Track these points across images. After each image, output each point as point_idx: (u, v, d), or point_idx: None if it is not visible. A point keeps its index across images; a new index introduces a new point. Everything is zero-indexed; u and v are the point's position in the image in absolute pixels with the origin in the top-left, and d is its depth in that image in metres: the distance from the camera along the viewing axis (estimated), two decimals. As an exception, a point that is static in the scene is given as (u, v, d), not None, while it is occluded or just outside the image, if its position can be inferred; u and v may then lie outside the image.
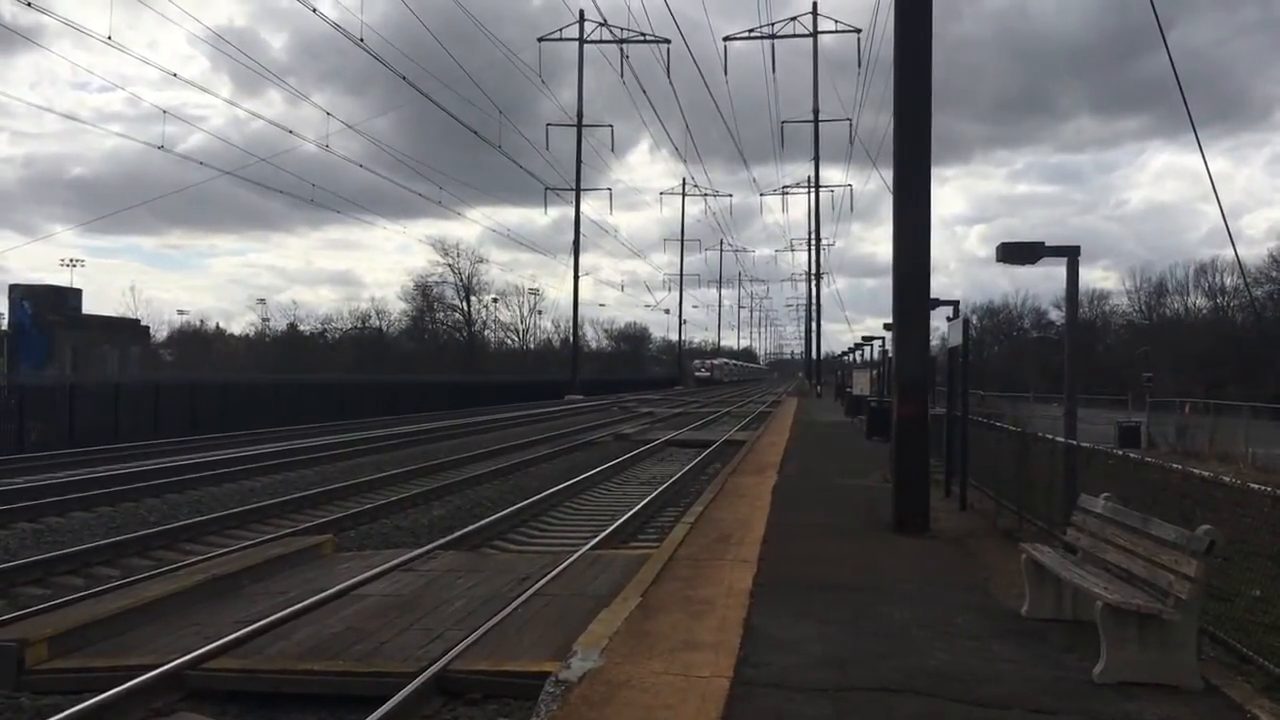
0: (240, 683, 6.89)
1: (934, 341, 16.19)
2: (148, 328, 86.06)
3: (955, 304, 15.62)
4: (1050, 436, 11.43)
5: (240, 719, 6.56)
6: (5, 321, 65.69)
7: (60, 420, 28.33)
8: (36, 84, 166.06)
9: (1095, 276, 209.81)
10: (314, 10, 29.05)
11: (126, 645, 7.61)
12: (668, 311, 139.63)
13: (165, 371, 71.52)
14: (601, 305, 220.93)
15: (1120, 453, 10.82)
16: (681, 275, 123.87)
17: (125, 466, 21.65)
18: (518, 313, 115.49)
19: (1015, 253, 10.71)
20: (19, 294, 67.36)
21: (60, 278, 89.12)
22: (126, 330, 77.53)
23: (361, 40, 31.74)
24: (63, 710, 6.12)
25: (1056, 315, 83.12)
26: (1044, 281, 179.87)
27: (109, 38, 29.02)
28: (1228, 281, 77.92)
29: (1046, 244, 10.70)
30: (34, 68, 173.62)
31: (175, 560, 11.89)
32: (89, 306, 75.54)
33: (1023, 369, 77.82)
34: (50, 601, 9.47)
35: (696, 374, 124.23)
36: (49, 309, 66.73)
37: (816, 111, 75.68)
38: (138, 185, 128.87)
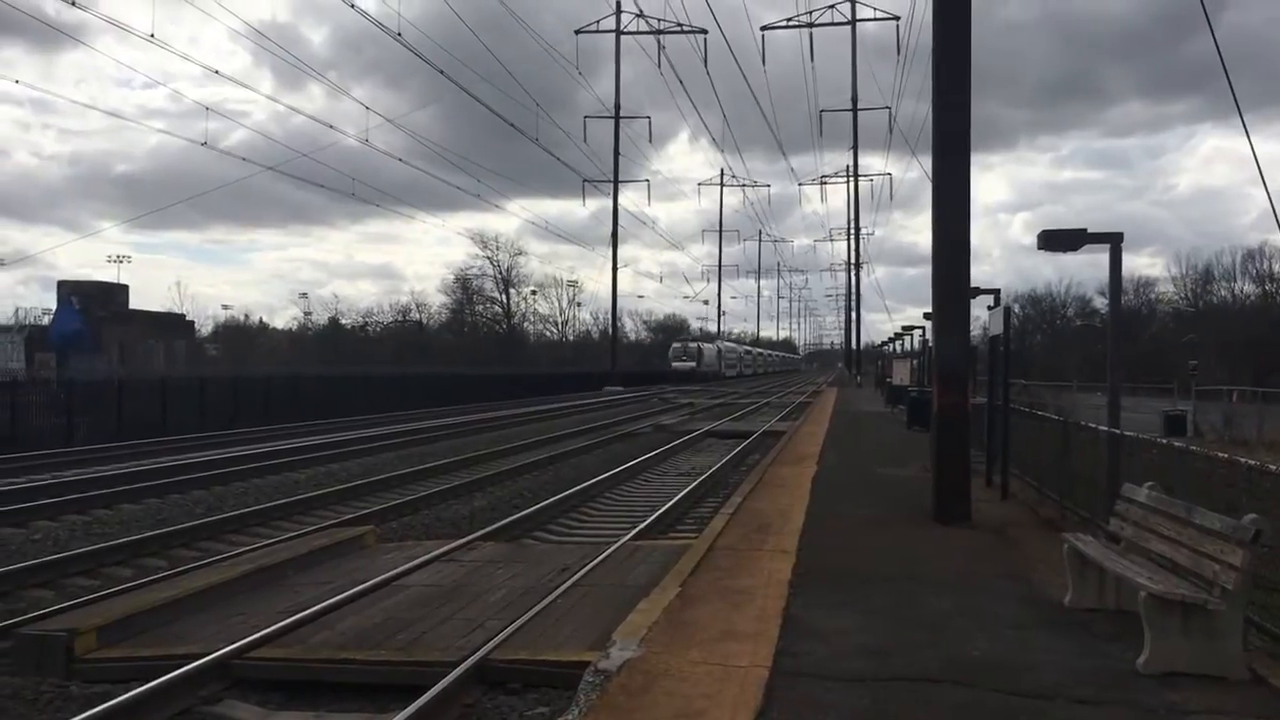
0: (284, 672, 6.99)
1: (975, 330, 16.08)
2: (193, 322, 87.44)
3: (996, 292, 15.49)
4: (1093, 425, 11.31)
5: (285, 708, 6.65)
6: (54, 317, 66.86)
7: (108, 414, 28.74)
8: (81, 81, 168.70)
9: (1141, 263, 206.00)
10: (352, 5, 29.24)
11: (173, 635, 7.74)
12: (706, 303, 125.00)
13: (210, 365, 72.46)
14: (640, 296, 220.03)
15: (1165, 441, 10.68)
16: (720, 266, 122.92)
17: (172, 459, 21.97)
18: (556, 305, 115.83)
19: (1057, 240, 10.60)
20: (67, 290, 68.59)
21: (107, 274, 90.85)
22: (172, 325, 78.75)
23: (399, 35, 31.92)
24: (111, 698, 6.24)
25: (1100, 303, 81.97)
26: (1088, 269, 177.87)
27: (151, 35, 29.29)
28: (1276, 268, 76.69)
29: (1089, 231, 10.58)
30: (78, 65, 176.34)
31: (221, 551, 12.06)
32: (135, 302, 76.83)
33: (1065, 358, 76.99)
34: (99, 592, 9.65)
35: (676, 363, 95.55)
36: (97, 305, 67.87)
37: (855, 100, 75.12)
38: (181, 181, 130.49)
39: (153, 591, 8.81)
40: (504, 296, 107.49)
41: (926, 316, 23.42)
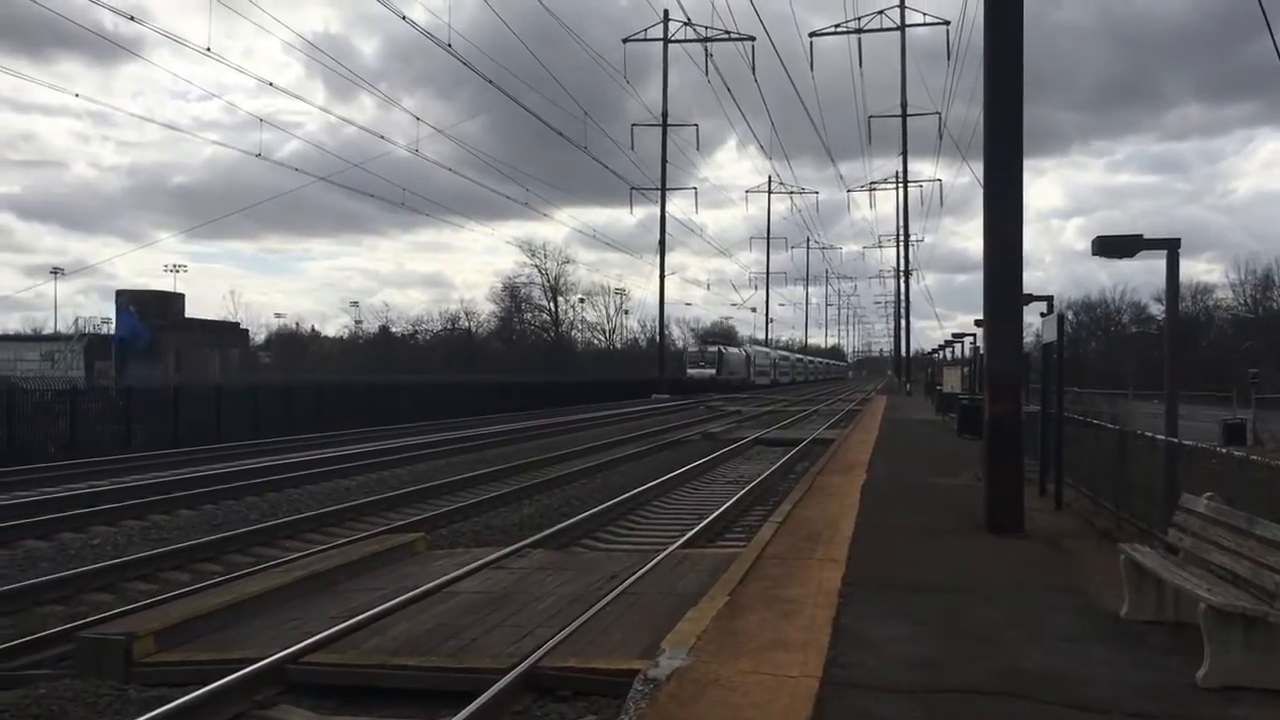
0: (338, 677, 7.07)
1: (1027, 338, 15.88)
2: (247, 330, 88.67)
3: (1049, 299, 15.28)
4: (1150, 434, 11.13)
5: (338, 712, 6.72)
6: (113, 325, 68.15)
7: (165, 421, 29.24)
8: (139, 94, 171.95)
9: (1199, 269, 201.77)
10: (403, 17, 29.58)
11: (229, 639, 7.85)
12: (754, 310, 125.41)
13: (263, 373, 73.49)
14: (688, 304, 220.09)
15: (1224, 451, 10.47)
16: (768, 273, 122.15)
17: (226, 466, 22.31)
18: (604, 312, 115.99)
19: (1112, 246, 10.46)
20: (126, 299, 69.86)
21: (164, 283, 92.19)
22: (227, 333, 79.95)
23: (450, 46, 32.20)
24: (169, 702, 6.34)
25: (1157, 310, 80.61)
26: (1144, 275, 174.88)
27: (208, 49, 29.85)
28: (1339, 273, 74.88)
29: (1146, 236, 10.42)
30: (136, 78, 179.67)
31: (275, 557, 12.22)
32: (191, 310, 78.15)
33: (1120, 365, 75.75)
34: (157, 596, 9.82)
35: (693, 370, 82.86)
36: (154, 313, 69.09)
37: (905, 106, 74.39)
38: (236, 192, 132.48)
39: (209, 596, 8.94)
40: (552, 304, 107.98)
41: (978, 323, 23.16)
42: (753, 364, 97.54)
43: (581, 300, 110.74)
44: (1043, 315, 14.98)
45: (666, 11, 68.83)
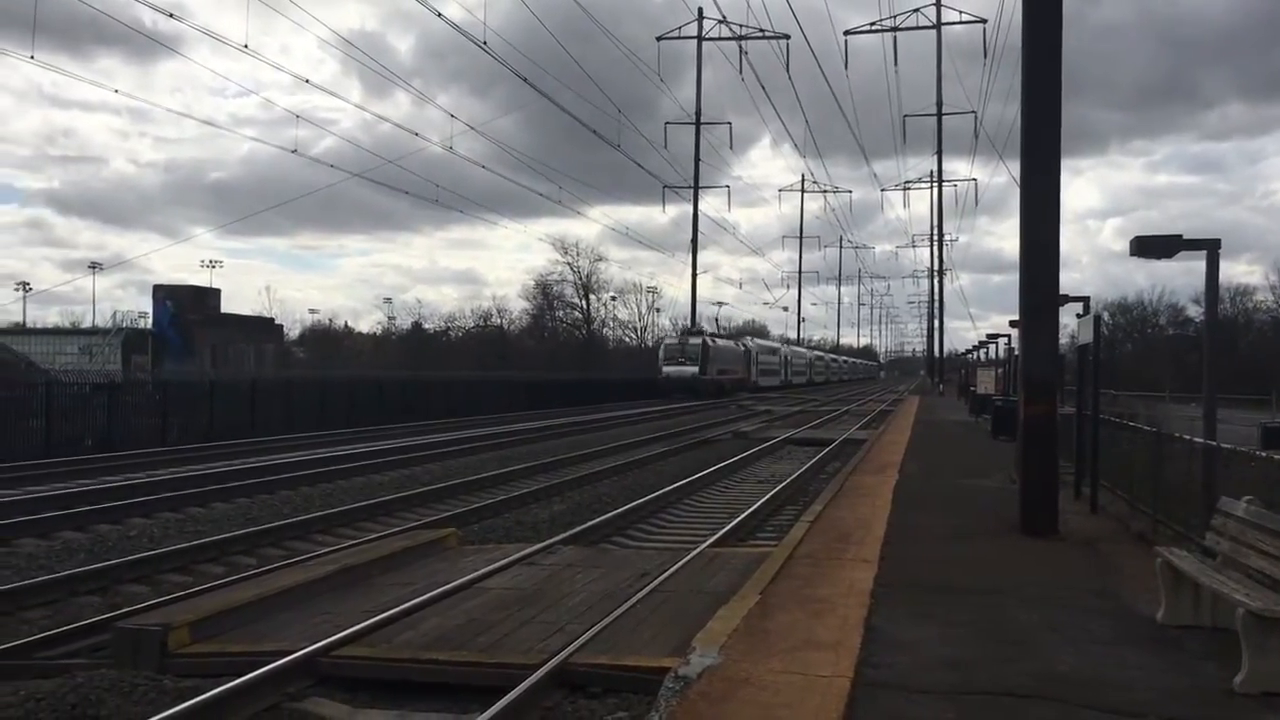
0: (369, 670, 7.11)
1: (1063, 339, 15.73)
2: (281, 326, 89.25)
3: (1085, 300, 15.15)
4: (1187, 437, 10.99)
5: (369, 706, 6.75)
6: (150, 320, 68.87)
7: (200, 415, 29.51)
8: (176, 90, 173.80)
9: (1238, 271, 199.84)
10: (439, 14, 29.68)
11: (262, 631, 7.91)
12: (786, 309, 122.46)
13: (297, 368, 73.95)
14: (720, 303, 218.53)
15: (1264, 454, 10.33)
16: (800, 272, 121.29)
17: (261, 460, 22.50)
18: (636, 311, 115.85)
19: (1151, 246, 10.34)
20: (162, 294, 70.58)
21: (201, 278, 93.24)
22: (262, 328, 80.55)
23: (484, 43, 32.30)
24: (203, 693, 6.39)
25: (1195, 311, 79.49)
26: (1182, 276, 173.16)
27: (245, 45, 30.08)
28: (1382, 275, 73.60)
29: (1185, 237, 10.29)
30: (174, 75, 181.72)
31: (307, 550, 12.31)
32: (227, 306, 78.82)
33: (1158, 368, 74.89)
34: (191, 588, 9.93)
35: (669, 368, 65.66)
36: (190, 308, 69.74)
37: (940, 104, 73.89)
38: (271, 188, 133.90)
39: (242, 589, 9.02)
40: (584, 302, 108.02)
41: (1012, 324, 23.03)
42: (755, 361, 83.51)
43: (613, 298, 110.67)
44: (1079, 316, 14.85)
45: (701, 9, 68.66)
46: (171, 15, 27.07)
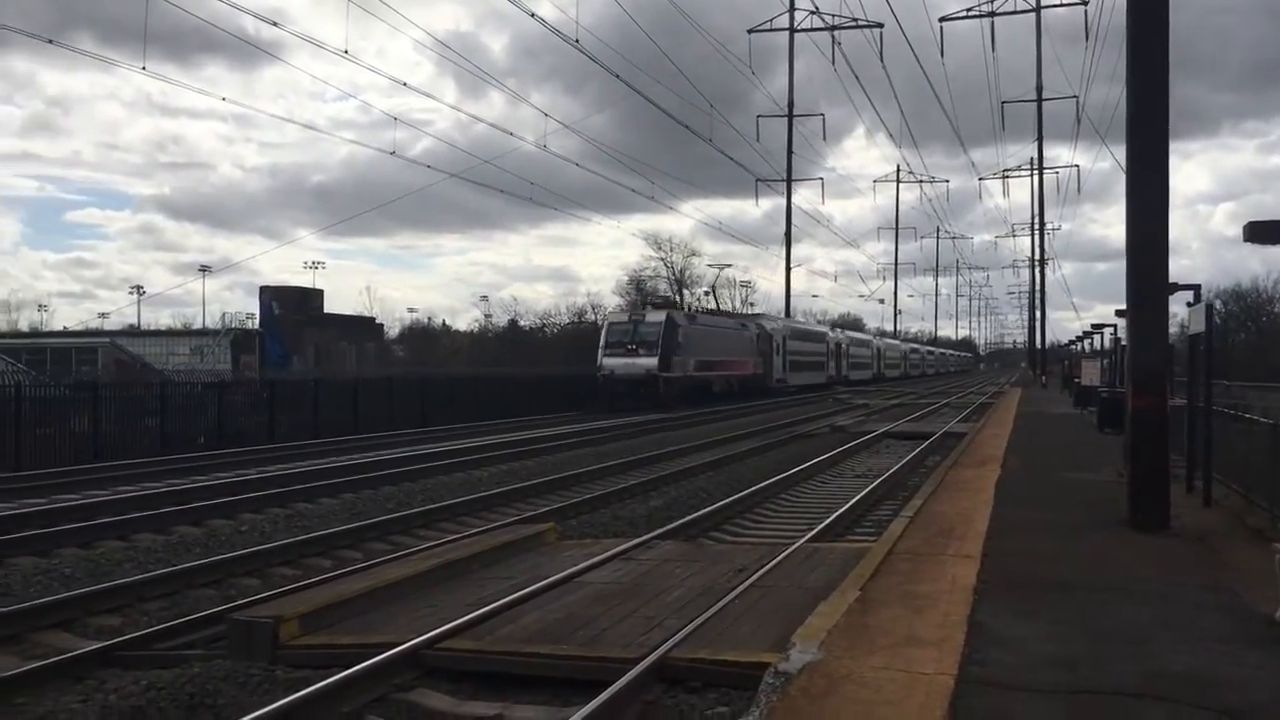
0: (472, 663, 7.23)
1: (1172, 329, 15.24)
2: (381, 325, 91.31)
3: (1196, 288, 14.62)
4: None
5: (473, 698, 6.87)
6: (257, 320, 70.98)
7: (305, 413, 30.31)
8: (279, 96, 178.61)
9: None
10: (532, 15, 29.93)
11: (369, 624, 8.11)
12: (882, 301, 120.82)
13: (397, 366, 75.45)
14: (815, 296, 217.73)
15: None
16: (896, 263, 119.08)
17: (364, 456, 23.04)
18: (730, 305, 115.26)
19: (1265, 232, 9.95)
20: (268, 295, 72.75)
21: (304, 279, 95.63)
22: (363, 328, 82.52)
23: (577, 41, 32.50)
24: (313, 683, 6.59)
25: (1314, 297, 76.40)
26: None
27: (345, 51, 30.77)
28: None
29: (1301, 220, 9.89)
30: (276, 81, 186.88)
31: (411, 545, 12.57)
32: (329, 306, 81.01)
33: (1273, 357, 72.01)
34: (300, 581, 10.20)
35: (610, 359, 43.02)
36: (294, 309, 71.74)
37: (1040, 89, 71.94)
38: (370, 190, 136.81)
39: (350, 582, 9.25)
40: (677, 297, 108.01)
41: (1119, 314, 22.34)
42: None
43: (707, 293, 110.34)
44: (1189, 305, 14.36)
45: (792, 1, 68.13)
46: (275, 23, 27.82)
